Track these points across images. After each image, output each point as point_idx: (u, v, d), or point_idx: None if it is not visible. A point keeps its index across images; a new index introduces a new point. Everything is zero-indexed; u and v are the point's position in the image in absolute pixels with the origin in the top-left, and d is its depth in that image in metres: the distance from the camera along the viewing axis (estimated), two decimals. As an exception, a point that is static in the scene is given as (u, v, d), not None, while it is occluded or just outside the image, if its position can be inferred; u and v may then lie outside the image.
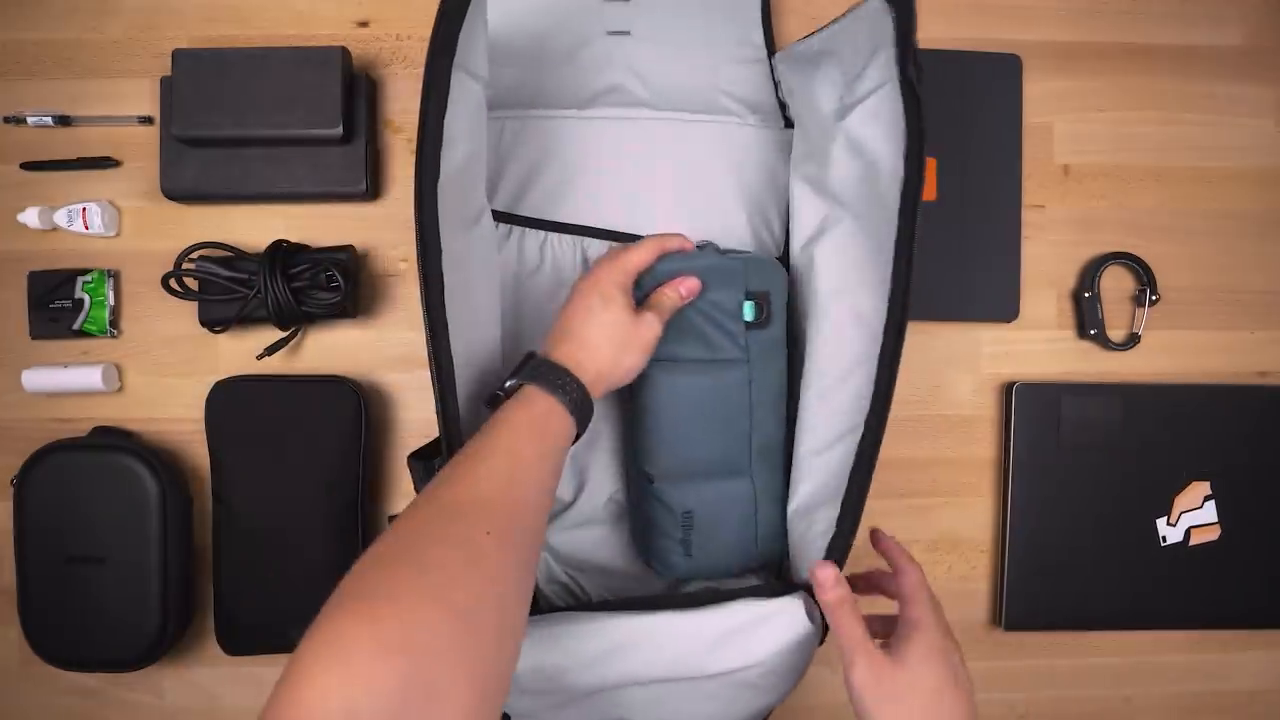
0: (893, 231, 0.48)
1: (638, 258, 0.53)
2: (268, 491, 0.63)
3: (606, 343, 0.50)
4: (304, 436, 0.63)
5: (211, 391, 0.63)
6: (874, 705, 0.44)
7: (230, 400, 0.63)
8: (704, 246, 0.59)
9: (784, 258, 0.65)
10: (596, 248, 0.63)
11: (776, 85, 0.66)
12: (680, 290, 0.53)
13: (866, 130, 0.52)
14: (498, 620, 0.36)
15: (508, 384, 0.48)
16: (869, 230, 0.52)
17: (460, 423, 0.47)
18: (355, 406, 0.63)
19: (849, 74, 0.54)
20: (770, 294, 0.57)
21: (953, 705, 0.44)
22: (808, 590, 0.50)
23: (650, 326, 0.51)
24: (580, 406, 0.47)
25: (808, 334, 0.57)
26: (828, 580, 0.47)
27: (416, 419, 0.67)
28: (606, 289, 0.51)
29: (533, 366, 0.48)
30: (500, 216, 0.62)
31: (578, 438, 0.49)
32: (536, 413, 0.46)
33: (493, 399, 0.49)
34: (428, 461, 0.51)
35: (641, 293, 0.54)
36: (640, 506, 0.59)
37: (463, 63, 0.47)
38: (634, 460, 0.59)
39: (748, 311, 0.56)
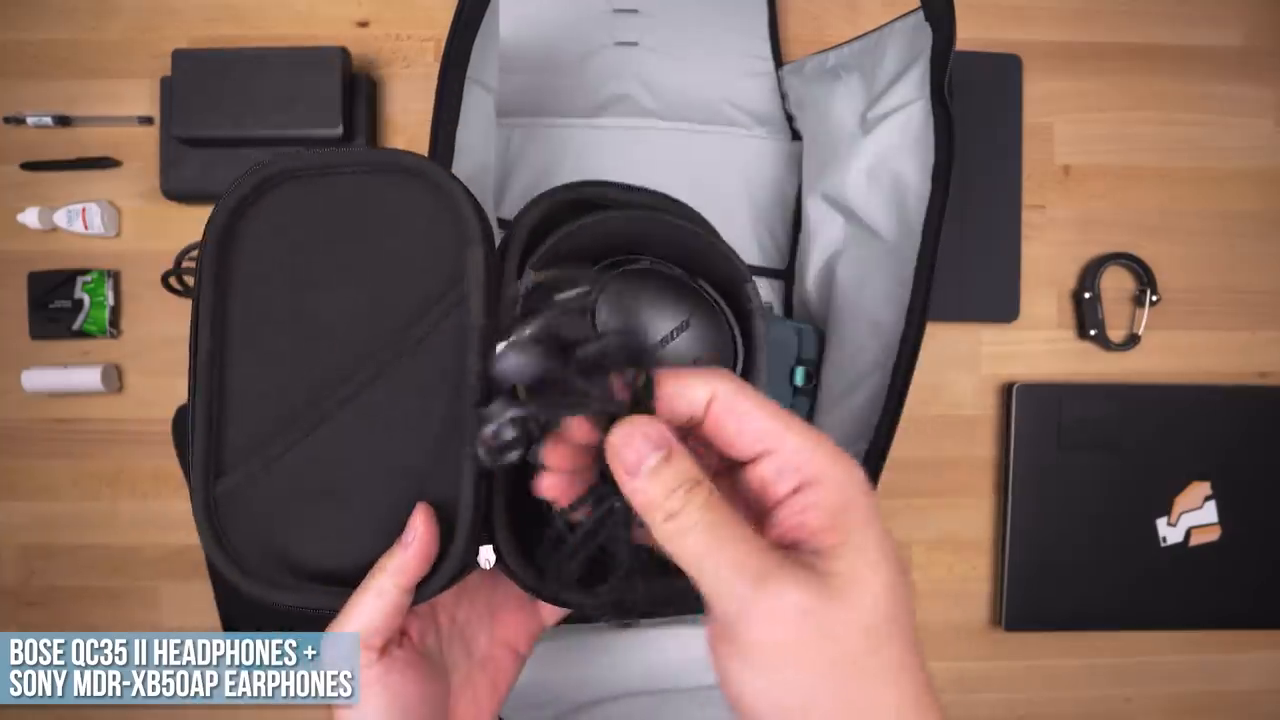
0: (915, 248, 0.48)
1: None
2: None
3: None
4: None
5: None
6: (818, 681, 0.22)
7: None
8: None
9: (788, 268, 0.65)
10: None
11: (784, 97, 0.66)
12: None
13: (892, 147, 0.52)
14: None
15: None
16: (892, 245, 0.52)
17: None
18: None
19: (873, 89, 0.54)
20: (820, 362, 0.58)
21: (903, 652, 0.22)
22: None
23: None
24: None
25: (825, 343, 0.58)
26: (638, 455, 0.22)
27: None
28: None
29: None
30: (506, 225, 0.62)
31: None
32: None
33: None
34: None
35: None
36: None
37: (475, 75, 0.46)
38: None
39: (799, 377, 0.57)
